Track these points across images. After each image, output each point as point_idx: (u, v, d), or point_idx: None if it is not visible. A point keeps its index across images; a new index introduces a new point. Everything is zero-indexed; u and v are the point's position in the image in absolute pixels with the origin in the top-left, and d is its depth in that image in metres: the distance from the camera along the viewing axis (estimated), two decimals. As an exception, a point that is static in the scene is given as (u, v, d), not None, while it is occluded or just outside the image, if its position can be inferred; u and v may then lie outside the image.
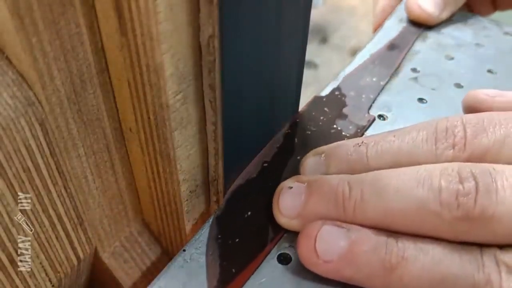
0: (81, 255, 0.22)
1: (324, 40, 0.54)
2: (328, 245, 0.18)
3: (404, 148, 0.20)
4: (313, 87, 0.46)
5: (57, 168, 0.19)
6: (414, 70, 0.31)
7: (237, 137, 0.22)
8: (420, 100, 0.29)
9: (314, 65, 0.50)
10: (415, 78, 0.30)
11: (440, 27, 0.35)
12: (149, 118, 0.19)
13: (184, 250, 0.20)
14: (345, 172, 0.20)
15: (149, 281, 0.19)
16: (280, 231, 0.21)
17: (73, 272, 0.23)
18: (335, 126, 0.26)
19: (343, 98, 0.28)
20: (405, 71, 0.31)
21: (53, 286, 0.21)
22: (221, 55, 0.17)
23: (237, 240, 0.20)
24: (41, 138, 0.17)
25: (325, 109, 0.27)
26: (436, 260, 0.17)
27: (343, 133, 0.25)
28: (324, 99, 0.27)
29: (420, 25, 0.35)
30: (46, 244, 0.20)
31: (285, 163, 0.23)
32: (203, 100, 0.19)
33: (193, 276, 0.19)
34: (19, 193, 0.18)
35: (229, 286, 0.19)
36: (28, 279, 0.20)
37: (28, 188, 0.18)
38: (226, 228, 0.21)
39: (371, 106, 0.28)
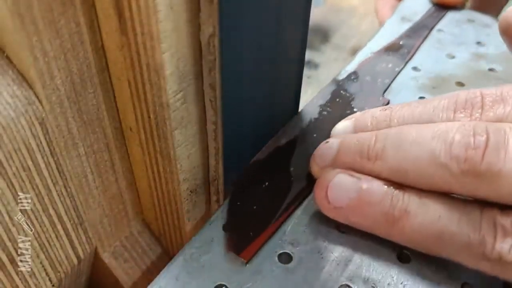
0: (81, 255, 0.22)
1: (324, 39, 0.54)
2: (338, 193, 0.20)
3: (425, 114, 0.21)
4: (313, 87, 0.46)
5: (57, 168, 0.19)
6: (415, 68, 0.31)
7: (237, 137, 0.22)
8: (421, 99, 0.28)
9: (314, 65, 0.50)
10: (416, 77, 0.30)
11: (441, 25, 0.35)
12: (149, 117, 0.19)
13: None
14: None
15: (149, 281, 0.19)
16: (297, 200, 0.22)
17: (73, 272, 0.23)
18: (351, 107, 0.27)
19: (359, 82, 0.29)
20: (406, 70, 0.31)
21: (53, 285, 0.21)
22: (221, 54, 0.17)
23: (254, 207, 0.22)
24: (41, 137, 0.17)
25: (341, 91, 0.28)
26: (436, 217, 0.18)
27: None
28: (340, 83, 0.29)
29: (445, 7, 0.36)
30: (46, 243, 0.20)
31: (304, 139, 0.25)
32: (203, 100, 0.19)
33: (194, 275, 0.19)
34: (19, 193, 0.18)
35: (247, 248, 0.20)
36: (28, 279, 0.20)
37: (28, 187, 0.18)
38: (244, 195, 0.22)
39: (386, 90, 0.29)
